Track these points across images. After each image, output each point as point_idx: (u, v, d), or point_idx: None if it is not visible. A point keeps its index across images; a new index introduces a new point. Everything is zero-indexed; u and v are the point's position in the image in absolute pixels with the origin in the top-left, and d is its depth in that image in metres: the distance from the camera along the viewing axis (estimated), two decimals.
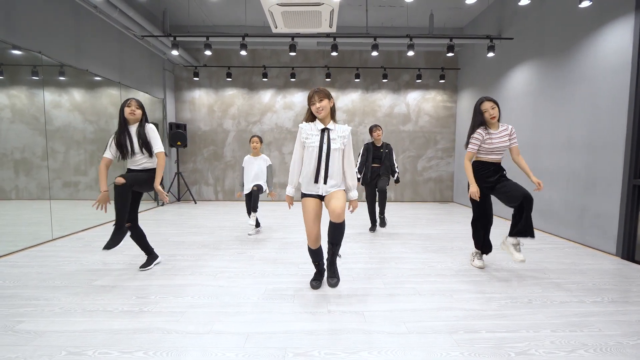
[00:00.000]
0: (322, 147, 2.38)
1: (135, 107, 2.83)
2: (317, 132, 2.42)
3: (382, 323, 2.07)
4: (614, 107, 3.53)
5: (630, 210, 3.37)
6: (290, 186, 2.54)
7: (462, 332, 1.98)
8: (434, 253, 3.58)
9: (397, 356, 1.73)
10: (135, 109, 2.82)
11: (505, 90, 5.52)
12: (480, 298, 2.45)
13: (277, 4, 3.88)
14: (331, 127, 2.43)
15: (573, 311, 2.25)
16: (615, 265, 3.22)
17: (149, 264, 3.02)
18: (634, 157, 3.33)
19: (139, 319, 2.10)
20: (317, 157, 2.39)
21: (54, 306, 2.25)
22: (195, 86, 7.37)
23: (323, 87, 2.45)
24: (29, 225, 4.13)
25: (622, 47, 3.44)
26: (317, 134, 2.41)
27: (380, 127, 4.41)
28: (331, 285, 2.60)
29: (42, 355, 1.71)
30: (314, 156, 2.40)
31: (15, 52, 3.77)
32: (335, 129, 2.44)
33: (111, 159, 2.82)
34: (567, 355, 1.76)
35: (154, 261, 3.07)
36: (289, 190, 2.54)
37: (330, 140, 2.40)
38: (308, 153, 2.43)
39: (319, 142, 2.39)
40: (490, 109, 2.83)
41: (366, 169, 4.42)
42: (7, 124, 4.04)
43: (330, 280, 2.63)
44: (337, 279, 2.65)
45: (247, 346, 1.81)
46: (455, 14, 6.20)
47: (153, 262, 3.06)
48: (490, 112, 2.83)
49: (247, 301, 2.37)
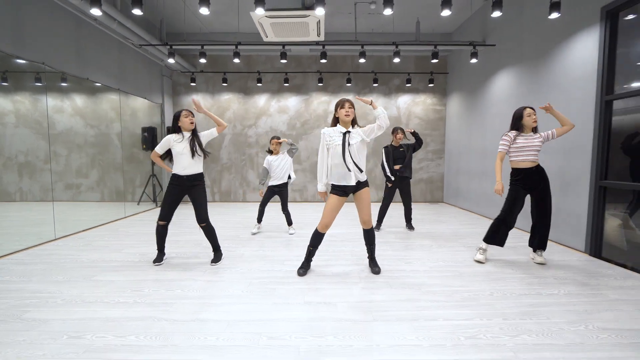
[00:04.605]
0: (345, 145, 2.82)
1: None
2: (339, 134, 2.85)
3: (352, 312, 2.29)
4: (582, 113, 3.75)
5: (597, 209, 3.58)
6: (320, 184, 2.96)
7: (423, 320, 2.20)
8: (412, 250, 3.80)
9: (359, 340, 1.95)
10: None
11: (489, 95, 5.73)
12: (447, 291, 2.67)
13: (266, 16, 4.12)
14: (351, 130, 2.88)
15: (528, 302, 2.47)
16: (582, 261, 3.43)
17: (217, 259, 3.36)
18: (600, 160, 3.54)
19: (132, 308, 2.33)
20: (341, 153, 2.81)
21: (56, 298, 2.49)
22: (192, 91, 7.62)
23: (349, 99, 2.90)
24: (33, 225, 4.36)
25: (589, 57, 3.66)
26: (340, 136, 2.84)
27: (401, 129, 4.66)
28: (375, 272, 3.06)
29: (46, 339, 1.94)
30: (339, 153, 2.82)
31: (20, 61, 4.00)
32: (354, 131, 2.88)
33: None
34: (511, 339, 1.97)
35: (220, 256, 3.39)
36: (320, 187, 2.97)
37: (350, 139, 2.84)
38: (334, 152, 2.85)
39: (342, 141, 2.83)
40: (533, 114, 3.17)
41: (392, 171, 4.63)
42: (12, 128, 4.27)
43: (374, 269, 3.09)
44: (378, 268, 3.11)
45: (227, 331, 2.04)
46: (443, 20, 6.42)
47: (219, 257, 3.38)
48: (533, 117, 3.16)
49: (232, 293, 2.60)
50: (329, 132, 2.89)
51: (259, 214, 4.62)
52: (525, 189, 3.23)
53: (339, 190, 2.90)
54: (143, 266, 3.22)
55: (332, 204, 2.90)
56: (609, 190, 3.51)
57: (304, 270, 3.03)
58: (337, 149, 2.83)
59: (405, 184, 4.72)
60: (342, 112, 2.84)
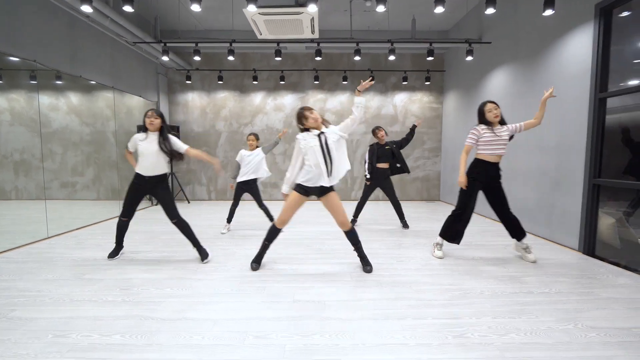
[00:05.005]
0: (323, 146, 2.81)
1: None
2: (314, 137, 2.84)
3: (340, 310, 2.28)
4: (577, 111, 3.72)
5: (591, 207, 3.56)
6: (285, 186, 3.02)
7: (411, 318, 2.19)
8: (406, 249, 3.79)
9: (345, 338, 1.94)
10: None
11: (485, 93, 5.71)
12: (437, 289, 2.66)
13: (259, 13, 4.09)
14: (324, 130, 2.87)
15: (519, 301, 2.46)
16: (575, 260, 3.41)
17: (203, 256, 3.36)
18: (593, 158, 3.52)
19: (120, 307, 2.32)
20: (321, 153, 2.80)
21: (44, 297, 2.48)
22: (188, 89, 7.59)
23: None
24: (27, 224, 4.35)
25: (583, 54, 3.63)
26: (315, 138, 2.83)
27: (382, 128, 4.68)
28: (367, 271, 3.05)
29: (30, 338, 1.93)
30: (317, 154, 2.80)
31: (13, 59, 3.98)
32: (328, 130, 2.88)
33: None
34: (499, 338, 1.96)
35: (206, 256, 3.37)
36: (285, 189, 3.03)
37: (327, 139, 2.83)
38: (312, 154, 2.82)
39: (319, 142, 2.81)
40: (493, 109, 3.17)
41: (373, 169, 4.64)
42: (7, 126, 4.25)
43: (366, 267, 3.07)
44: (370, 266, 3.09)
45: (214, 330, 2.02)
46: (440, 18, 6.38)
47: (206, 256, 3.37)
48: (493, 112, 3.16)
49: (221, 292, 2.58)
50: (304, 136, 2.87)
51: (230, 214, 4.56)
52: (480, 182, 3.23)
53: (302, 189, 2.92)
54: (134, 265, 3.21)
55: (293, 201, 2.93)
56: (604, 188, 3.50)
57: (257, 265, 3.08)
58: (315, 150, 2.80)
59: (388, 183, 4.69)
60: (310, 121, 2.83)
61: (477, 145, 3.24)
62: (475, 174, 3.25)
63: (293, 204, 2.94)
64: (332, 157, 2.83)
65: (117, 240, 3.41)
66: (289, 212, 2.95)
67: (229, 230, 4.63)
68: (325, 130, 2.86)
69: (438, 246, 3.47)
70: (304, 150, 2.85)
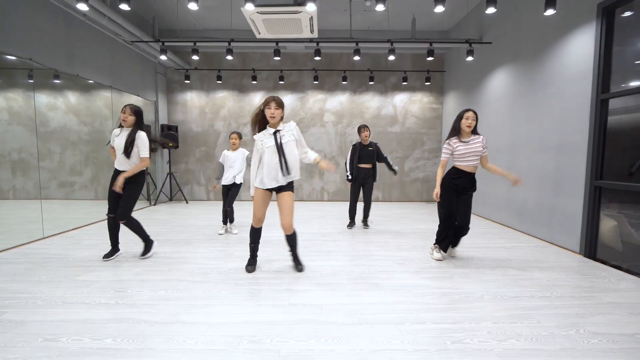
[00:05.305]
0: (278, 145, 2.81)
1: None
2: (269, 136, 2.84)
3: (337, 315, 2.23)
4: (578, 112, 3.68)
5: (592, 209, 3.52)
6: (252, 188, 3.02)
7: (409, 323, 2.14)
8: (406, 251, 3.74)
9: (342, 344, 1.90)
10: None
11: (486, 93, 5.67)
12: (437, 293, 2.61)
13: (257, 12, 4.05)
14: (280, 128, 2.87)
15: (520, 305, 2.41)
16: (576, 263, 3.37)
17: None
18: (595, 160, 3.48)
19: (113, 310, 2.27)
20: (277, 152, 2.80)
21: (36, 299, 2.43)
22: (187, 89, 7.55)
23: (278, 97, 2.84)
24: (24, 223, 4.31)
25: (585, 54, 3.59)
26: (271, 137, 2.83)
27: (368, 128, 4.65)
28: (299, 270, 3.09)
29: (20, 342, 1.89)
30: (273, 152, 2.81)
31: (11, 57, 3.94)
32: (284, 128, 2.88)
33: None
34: (498, 344, 1.92)
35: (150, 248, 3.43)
36: (252, 191, 3.01)
37: (281, 138, 2.84)
38: (269, 153, 2.83)
39: (274, 141, 2.81)
40: (471, 118, 3.13)
41: (355, 168, 4.61)
42: (5, 125, 4.22)
43: (298, 267, 3.11)
44: (302, 265, 3.13)
45: (208, 334, 1.98)
46: (440, 18, 6.34)
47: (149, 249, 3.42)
48: (469, 121, 3.13)
49: (217, 295, 2.54)
50: (260, 136, 2.88)
51: (224, 216, 4.55)
52: (456, 190, 3.25)
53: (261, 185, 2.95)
54: (129, 266, 3.16)
55: (260, 199, 2.95)
56: (606, 190, 3.45)
57: (252, 267, 3.08)
58: (271, 149, 2.82)
59: (369, 183, 4.70)
60: (267, 112, 2.80)
61: (453, 157, 3.27)
62: (450, 180, 3.26)
63: (260, 201, 2.95)
64: (286, 156, 2.83)
65: (112, 241, 3.38)
66: (258, 210, 2.97)
67: (226, 232, 4.59)
68: (281, 129, 2.87)
69: (437, 248, 3.44)
70: (261, 150, 2.87)
